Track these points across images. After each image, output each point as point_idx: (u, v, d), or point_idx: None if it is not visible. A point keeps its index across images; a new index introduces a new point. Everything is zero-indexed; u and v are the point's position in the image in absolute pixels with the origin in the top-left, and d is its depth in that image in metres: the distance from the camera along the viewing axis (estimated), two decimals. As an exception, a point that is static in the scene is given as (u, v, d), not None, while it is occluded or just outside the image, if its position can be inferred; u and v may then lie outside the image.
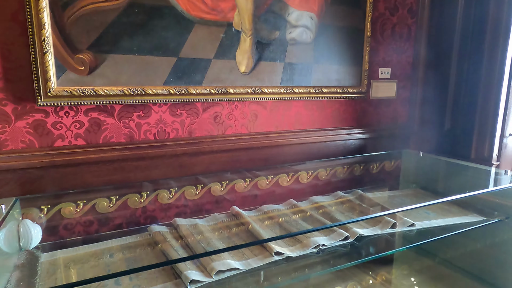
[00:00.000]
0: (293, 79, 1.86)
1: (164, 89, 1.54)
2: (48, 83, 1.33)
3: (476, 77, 2.13)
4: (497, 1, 1.99)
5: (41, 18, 1.27)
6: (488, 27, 2.04)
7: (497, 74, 2.02)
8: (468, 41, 2.17)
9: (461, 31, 2.19)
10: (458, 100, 2.25)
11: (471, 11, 2.14)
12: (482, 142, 2.13)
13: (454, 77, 2.24)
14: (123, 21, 1.43)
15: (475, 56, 2.13)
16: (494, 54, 2.02)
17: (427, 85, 2.27)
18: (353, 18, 1.99)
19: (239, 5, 1.64)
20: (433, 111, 2.32)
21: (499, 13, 1.99)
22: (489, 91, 2.06)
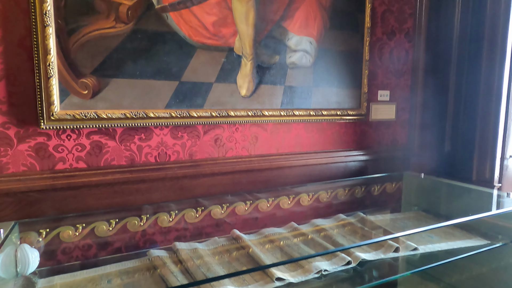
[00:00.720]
0: (293, 102, 1.89)
1: (165, 112, 1.56)
2: (51, 107, 1.34)
3: (474, 100, 2.16)
4: (491, 42, 2.04)
5: (47, 44, 1.31)
6: (484, 53, 2.08)
7: (494, 98, 2.04)
8: (465, 65, 2.21)
9: (458, 56, 2.23)
10: (457, 122, 2.27)
11: (467, 38, 2.19)
12: (483, 164, 2.13)
13: (453, 100, 2.27)
14: (127, 46, 1.46)
15: (472, 80, 2.17)
16: (491, 80, 2.05)
17: (426, 107, 2.29)
18: (351, 42, 2.04)
19: (240, 31, 1.68)
20: (433, 133, 2.34)
21: (493, 44, 2.04)
22: (487, 114, 2.08)
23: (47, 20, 1.30)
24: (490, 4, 2.05)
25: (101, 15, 1.40)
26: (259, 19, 1.72)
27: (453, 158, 2.30)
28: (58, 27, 1.33)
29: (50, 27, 1.30)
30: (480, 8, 2.11)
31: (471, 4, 2.17)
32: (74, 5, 1.36)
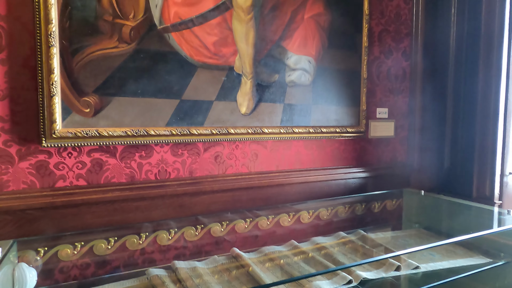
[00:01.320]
0: (293, 119, 1.91)
1: (166, 130, 1.57)
2: (53, 125, 1.36)
3: (472, 118, 2.18)
4: (487, 64, 2.09)
5: (51, 64, 1.33)
6: (480, 73, 2.12)
7: (492, 116, 2.07)
8: (462, 84, 2.25)
9: (454, 75, 2.27)
10: (456, 139, 2.29)
11: (463, 58, 2.24)
12: (483, 180, 2.13)
13: (451, 118, 2.30)
14: (130, 65, 1.49)
15: (470, 98, 2.20)
16: (488, 98, 2.08)
17: (424, 124, 2.31)
18: (349, 61, 2.08)
19: (240, 50, 1.72)
20: (432, 150, 2.35)
21: (489, 64, 2.08)
22: (485, 131, 2.10)
23: (52, 40, 1.33)
24: (484, 27, 2.10)
25: (104, 35, 1.44)
26: (258, 39, 1.76)
27: (453, 175, 2.31)
28: (62, 47, 1.36)
29: (54, 47, 1.33)
30: (475, 30, 2.16)
31: (466, 26, 2.22)
32: (79, 26, 1.39)
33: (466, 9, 2.22)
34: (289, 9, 1.84)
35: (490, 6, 2.07)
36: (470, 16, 2.19)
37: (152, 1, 1.52)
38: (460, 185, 2.25)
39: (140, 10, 1.50)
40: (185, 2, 1.58)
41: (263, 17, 1.76)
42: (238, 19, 1.70)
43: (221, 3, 1.66)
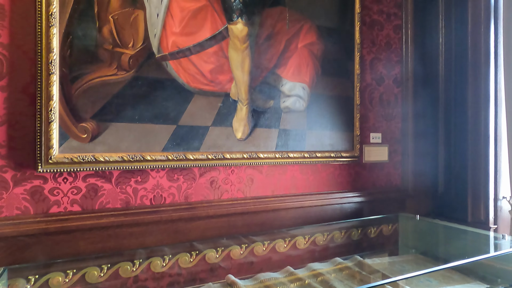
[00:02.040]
0: (288, 144, 1.93)
1: (162, 155, 1.58)
2: (50, 150, 1.37)
3: (463, 142, 2.22)
4: (475, 102, 2.16)
5: (51, 91, 1.36)
6: (469, 95, 2.18)
7: (483, 140, 2.11)
8: (452, 109, 2.31)
9: (445, 100, 2.34)
10: (449, 164, 2.32)
11: (452, 84, 2.31)
12: (477, 205, 2.14)
13: (443, 143, 2.34)
14: (127, 92, 1.52)
15: (460, 123, 2.25)
16: (478, 122, 2.13)
17: (417, 150, 2.35)
18: (342, 87, 2.13)
19: (236, 78, 1.77)
20: (426, 174, 2.37)
21: (477, 87, 2.15)
22: (477, 156, 2.13)
23: (52, 68, 1.36)
24: (471, 57, 2.19)
25: (104, 63, 1.48)
26: (254, 67, 1.82)
27: (448, 199, 2.32)
28: (62, 75, 1.40)
29: (54, 75, 1.37)
30: (462, 58, 2.25)
31: (453, 55, 2.31)
32: (79, 54, 1.44)
33: (453, 40, 2.31)
34: (284, 38, 1.91)
35: (475, 38, 2.16)
36: (457, 45, 2.28)
37: (151, 31, 1.57)
38: (455, 209, 2.26)
39: (139, 39, 1.55)
40: (183, 31, 1.64)
41: (258, 46, 1.83)
42: (234, 48, 1.76)
43: (217, 32, 1.72)
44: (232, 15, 1.75)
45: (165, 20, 1.60)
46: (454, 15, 2.31)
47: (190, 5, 1.65)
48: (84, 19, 1.45)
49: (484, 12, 2.13)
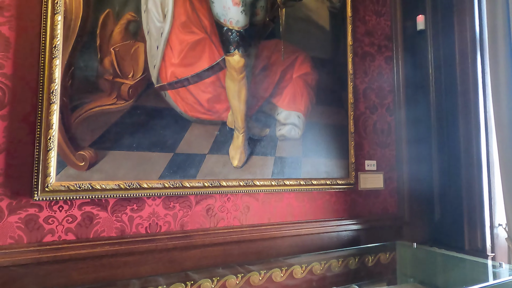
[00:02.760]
0: (284, 172, 1.95)
1: (159, 183, 1.59)
2: (47, 179, 1.37)
3: (457, 169, 2.25)
4: (467, 128, 2.23)
5: (50, 120, 1.39)
6: (460, 122, 2.24)
7: (475, 166, 2.14)
8: (445, 137, 2.36)
9: (437, 127, 2.39)
10: (444, 191, 2.33)
11: (443, 108, 2.37)
12: (474, 232, 2.14)
13: (437, 170, 2.37)
14: (126, 121, 1.55)
15: (453, 151, 2.29)
16: (470, 150, 2.17)
17: (412, 176, 2.37)
18: (337, 116, 2.18)
19: (232, 107, 1.81)
20: (422, 202, 2.38)
21: (467, 113, 2.21)
22: (471, 183, 2.16)
23: (53, 98, 1.40)
24: (460, 82, 2.26)
25: (104, 93, 1.52)
26: (250, 96, 1.87)
27: (444, 227, 2.32)
28: (62, 104, 1.43)
29: (55, 104, 1.40)
30: (452, 85, 2.32)
31: (443, 83, 2.38)
32: (80, 84, 1.48)
33: (442, 70, 2.40)
34: (279, 69, 1.98)
35: (463, 69, 2.25)
36: (446, 75, 2.37)
37: (151, 62, 1.63)
38: (452, 237, 2.25)
39: (139, 70, 1.60)
40: (182, 63, 1.70)
41: (254, 76, 1.88)
42: (231, 78, 1.81)
43: (215, 63, 1.78)
44: (229, 47, 1.82)
45: (164, 52, 1.66)
46: (442, 47, 2.41)
47: (189, 38, 1.72)
48: (86, 51, 1.50)
49: (470, 44, 2.23)
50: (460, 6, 2.30)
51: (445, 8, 2.42)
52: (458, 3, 2.32)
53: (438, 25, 2.45)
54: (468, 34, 2.25)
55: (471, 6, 2.24)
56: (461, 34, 2.28)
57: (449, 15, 2.37)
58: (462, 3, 2.28)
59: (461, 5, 2.29)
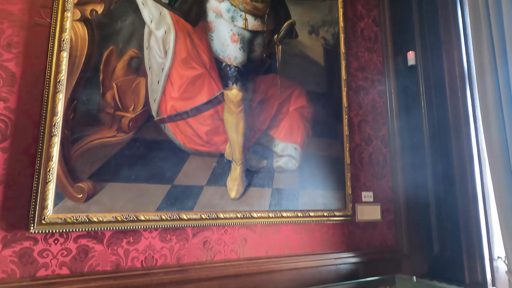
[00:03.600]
0: (281, 203, 1.95)
1: (156, 215, 1.59)
2: (44, 211, 1.37)
3: (453, 200, 2.26)
4: (460, 159, 2.28)
5: (51, 152, 1.41)
6: (454, 150, 2.28)
7: (471, 198, 2.15)
8: (439, 170, 2.39)
9: (431, 157, 2.43)
10: (442, 223, 2.33)
11: (436, 139, 2.42)
12: (473, 265, 2.11)
13: (434, 201, 2.37)
14: (125, 153, 1.58)
15: (448, 184, 2.31)
16: (465, 183, 2.20)
17: (409, 207, 2.37)
18: (333, 148, 2.22)
19: (230, 139, 1.85)
20: (420, 234, 2.37)
21: (460, 142, 2.26)
22: (467, 215, 2.16)
23: (55, 130, 1.43)
24: (451, 120, 2.33)
25: (104, 126, 1.55)
26: (248, 129, 1.91)
27: (444, 260, 2.29)
28: (63, 137, 1.46)
29: (56, 137, 1.43)
30: (443, 116, 2.38)
31: (435, 114, 2.45)
32: (82, 118, 1.51)
33: (434, 105, 2.47)
34: (276, 102, 2.04)
35: (454, 103, 2.32)
36: (438, 109, 2.44)
37: (152, 96, 1.68)
38: (452, 270, 2.22)
39: (140, 104, 1.65)
40: (181, 96, 1.75)
41: (252, 110, 1.94)
42: (229, 111, 1.86)
43: (214, 97, 1.83)
44: (227, 82, 1.88)
45: (165, 86, 1.72)
46: (433, 82, 2.50)
47: (189, 73, 1.79)
48: (89, 85, 1.55)
49: (459, 79, 2.31)
50: (448, 43, 2.41)
51: (433, 45, 2.54)
52: (445, 40, 2.43)
53: (428, 60, 2.56)
54: (457, 69, 2.34)
55: (458, 44, 2.35)
56: (450, 70, 2.38)
57: (438, 51, 2.48)
58: (450, 40, 2.39)
59: (448, 42, 2.40)
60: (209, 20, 1.90)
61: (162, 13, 1.77)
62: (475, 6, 2.20)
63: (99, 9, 1.61)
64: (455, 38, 2.37)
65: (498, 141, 2.00)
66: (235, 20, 1.96)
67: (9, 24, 1.46)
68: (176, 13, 1.80)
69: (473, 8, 2.20)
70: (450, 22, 2.41)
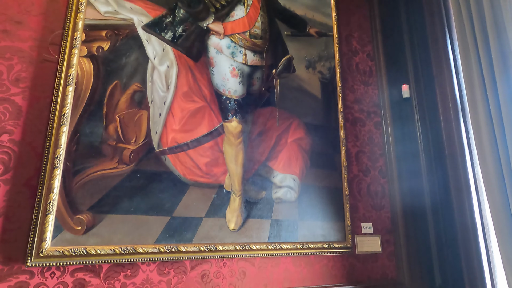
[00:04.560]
0: (280, 235, 1.94)
1: (154, 248, 1.58)
2: (42, 244, 1.36)
3: (453, 234, 2.25)
4: (458, 196, 2.31)
5: (52, 184, 1.42)
6: (452, 192, 2.29)
7: (471, 232, 2.14)
8: (438, 200, 2.40)
9: (430, 192, 2.44)
10: (443, 255, 2.30)
11: (434, 177, 2.44)
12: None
13: (434, 233, 2.36)
14: (126, 184, 1.59)
15: (447, 213, 2.31)
16: (464, 213, 2.20)
17: (409, 239, 2.35)
18: (331, 178, 2.24)
19: (230, 170, 1.87)
20: (422, 265, 2.33)
21: (458, 179, 2.28)
22: (468, 247, 2.14)
23: (57, 162, 1.45)
24: (447, 149, 2.37)
25: (106, 157, 1.58)
26: (247, 160, 1.94)
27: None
28: (65, 169, 1.48)
29: (58, 169, 1.45)
30: (439, 144, 2.42)
31: (431, 146, 2.49)
32: (84, 150, 1.54)
33: (429, 135, 2.53)
34: (274, 134, 2.08)
35: (449, 134, 2.38)
36: (433, 139, 2.48)
37: (153, 128, 1.72)
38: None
39: (141, 136, 1.68)
40: (182, 128, 1.79)
41: (251, 141, 1.97)
42: (228, 143, 1.90)
43: (214, 129, 1.88)
44: (227, 114, 1.93)
45: (166, 118, 1.76)
46: (427, 114, 2.57)
47: (190, 106, 1.84)
48: (92, 118, 1.59)
49: (453, 111, 2.38)
50: (440, 77, 2.50)
51: (426, 78, 2.63)
52: (438, 74, 2.52)
53: (422, 93, 2.64)
54: (450, 102, 2.41)
55: (449, 77, 2.43)
56: (444, 102, 2.45)
57: (431, 84, 2.57)
58: (442, 74, 2.48)
59: (440, 76, 2.49)
60: (210, 56, 1.98)
61: (165, 49, 1.84)
62: (464, 40, 2.31)
63: (105, 46, 1.69)
64: (446, 72, 2.46)
65: (494, 170, 2.03)
66: (235, 55, 2.04)
67: (18, 60, 1.52)
68: (178, 49, 1.88)
69: (462, 42, 2.31)
70: (441, 56, 2.51)
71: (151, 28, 1.83)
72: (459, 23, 2.35)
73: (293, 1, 2.42)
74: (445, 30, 2.52)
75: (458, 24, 2.36)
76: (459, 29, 2.35)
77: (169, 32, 1.87)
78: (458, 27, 2.36)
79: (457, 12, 2.37)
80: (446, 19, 2.54)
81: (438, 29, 2.55)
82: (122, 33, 1.75)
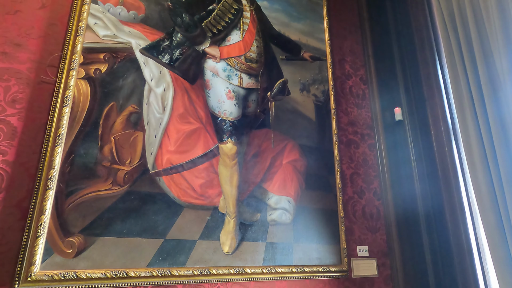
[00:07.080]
0: (275, 258, 1.91)
1: (147, 271, 1.54)
2: (31, 267, 1.33)
3: (449, 256, 2.23)
4: (453, 216, 2.32)
5: (44, 205, 1.40)
6: (446, 213, 2.30)
7: (467, 257, 2.13)
8: (432, 220, 2.39)
9: (424, 212, 2.44)
10: (439, 278, 2.28)
11: (428, 197, 2.45)
12: (476, 324, 2.03)
13: (430, 256, 2.34)
14: (119, 206, 1.57)
15: (442, 236, 2.30)
16: (459, 237, 2.19)
17: (405, 262, 2.33)
18: (326, 201, 2.23)
19: (225, 192, 1.86)
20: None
21: (452, 200, 2.29)
22: (465, 270, 2.13)
23: (50, 184, 1.44)
24: (440, 171, 2.39)
25: (100, 179, 1.57)
26: (242, 181, 1.93)
27: (444, 319, 2.20)
28: (58, 190, 1.46)
29: (51, 190, 1.43)
30: (432, 167, 2.44)
31: (425, 168, 2.52)
32: (78, 171, 1.53)
33: (422, 156, 2.55)
34: (269, 156, 2.09)
35: (441, 156, 2.40)
36: (426, 160, 2.51)
37: (148, 149, 1.72)
38: (454, 330, 2.12)
39: (136, 157, 1.68)
40: (177, 150, 1.79)
41: (246, 163, 1.98)
42: (223, 164, 1.90)
43: (209, 151, 1.88)
44: (222, 136, 1.95)
45: (161, 140, 1.77)
46: (420, 136, 2.60)
47: (185, 127, 1.85)
48: (88, 139, 1.59)
49: (445, 134, 2.41)
50: (431, 100, 2.55)
51: (418, 101, 2.68)
52: (429, 97, 2.58)
53: (414, 116, 2.69)
54: (441, 125, 2.45)
55: (440, 99, 2.48)
56: (435, 124, 2.49)
57: (423, 107, 2.62)
58: (433, 97, 2.54)
59: (432, 99, 2.55)
60: (206, 79, 2.01)
61: (162, 72, 1.87)
62: (453, 65, 2.37)
63: (103, 68, 1.71)
64: (437, 95, 2.52)
65: (487, 191, 2.04)
66: (231, 78, 2.08)
67: (16, 81, 1.53)
68: (175, 72, 1.91)
69: (452, 67, 2.38)
70: (432, 79, 2.58)
71: (148, 51, 1.87)
72: (448, 49, 2.43)
73: (287, 26, 2.49)
74: (434, 55, 2.60)
75: (447, 50, 2.44)
76: (448, 54, 2.42)
77: (166, 55, 1.91)
78: (447, 52, 2.43)
79: (446, 38, 2.45)
80: (435, 45, 2.63)
81: (428, 54, 2.63)
82: (120, 56, 1.78)
